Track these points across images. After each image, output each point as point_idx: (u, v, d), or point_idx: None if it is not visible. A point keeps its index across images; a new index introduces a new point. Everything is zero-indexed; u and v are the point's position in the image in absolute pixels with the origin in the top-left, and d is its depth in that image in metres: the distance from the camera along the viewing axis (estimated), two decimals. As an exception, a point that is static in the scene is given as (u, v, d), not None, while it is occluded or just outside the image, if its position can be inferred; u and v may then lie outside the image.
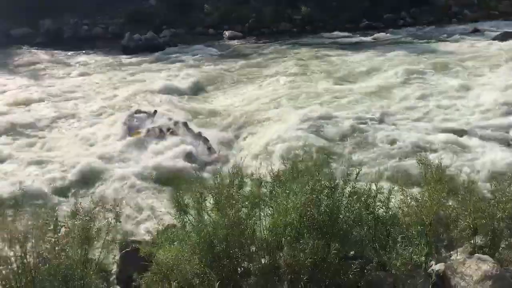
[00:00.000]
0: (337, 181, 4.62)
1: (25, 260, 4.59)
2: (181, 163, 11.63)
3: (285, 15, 35.61)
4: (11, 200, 5.08)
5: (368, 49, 26.38)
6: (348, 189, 4.64)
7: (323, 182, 4.56)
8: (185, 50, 28.82)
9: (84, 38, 33.03)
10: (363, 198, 4.68)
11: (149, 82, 20.35)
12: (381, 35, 31.37)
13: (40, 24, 34.40)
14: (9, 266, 4.63)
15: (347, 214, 4.58)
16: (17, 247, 4.58)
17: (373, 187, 4.70)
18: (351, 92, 17.78)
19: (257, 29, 34.65)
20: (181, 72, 22.58)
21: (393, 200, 4.83)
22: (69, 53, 28.48)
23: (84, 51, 28.73)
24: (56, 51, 29.05)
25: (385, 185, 4.81)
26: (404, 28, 34.39)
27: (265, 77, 21.09)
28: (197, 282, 4.29)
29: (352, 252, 4.69)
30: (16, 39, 32.64)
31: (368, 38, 30.73)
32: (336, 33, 32.41)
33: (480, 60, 21.57)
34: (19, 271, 4.62)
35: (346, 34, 32.11)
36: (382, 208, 4.73)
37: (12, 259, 4.60)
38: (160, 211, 8.98)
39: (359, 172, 4.89)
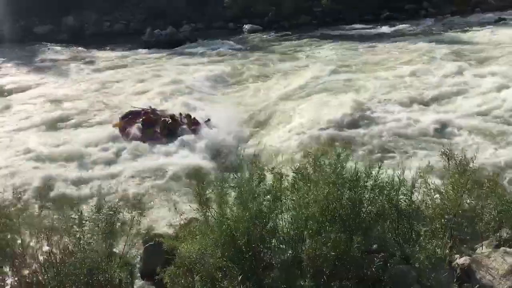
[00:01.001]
0: (359, 174, 4.57)
1: (51, 253, 4.69)
2: (200, 159, 11.70)
3: (305, 7, 35.34)
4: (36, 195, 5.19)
5: (391, 40, 26.02)
6: (370, 182, 4.59)
7: (345, 175, 4.52)
8: (205, 44, 28.91)
9: (105, 35, 33.43)
10: (385, 191, 4.62)
11: (169, 76, 20.46)
12: (403, 26, 30.91)
13: (62, 21, 34.93)
14: (37, 259, 4.74)
15: (370, 207, 4.53)
16: (44, 241, 4.69)
17: (396, 179, 4.64)
18: (376, 82, 17.56)
19: (276, 22, 34.49)
20: (200, 66, 22.67)
21: (416, 193, 4.77)
22: (91, 49, 28.86)
23: (105, 47, 29.07)
24: (78, 48, 29.50)
25: (408, 177, 4.73)
26: (426, 18, 33.78)
27: (285, 70, 20.99)
28: (220, 275, 4.31)
29: (375, 246, 4.64)
30: (40, 36, 33.27)
31: (390, 29, 30.31)
32: (356, 25, 32.05)
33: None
34: (46, 264, 4.72)
35: (367, 25, 31.74)
36: (405, 201, 4.66)
37: (39, 252, 4.70)
38: (182, 206, 9.08)
39: (380, 165, 4.84)
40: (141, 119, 14.01)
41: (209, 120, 14.34)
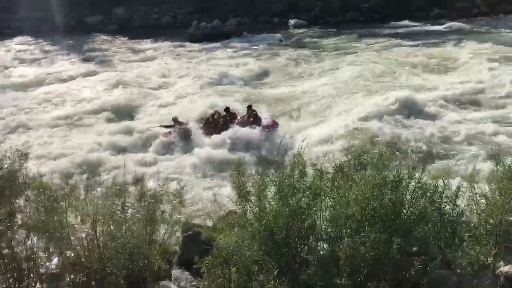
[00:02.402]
0: (402, 175, 4.48)
1: (95, 237, 4.85)
2: (241, 152, 11.77)
3: (352, 3, 34.83)
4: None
5: (442, 39, 25.28)
6: (413, 183, 4.49)
7: (387, 175, 4.44)
8: (250, 38, 29.01)
9: (153, 26, 34.11)
10: (428, 194, 4.51)
11: (212, 70, 20.64)
12: (454, 24, 29.97)
13: (113, 12, 35.89)
14: (81, 242, 4.91)
15: (411, 209, 4.44)
16: (88, 225, 4.85)
17: (440, 182, 4.52)
18: (425, 81, 17.12)
19: (323, 18, 34.18)
20: (244, 59, 22.78)
21: (461, 196, 4.63)
22: (139, 40, 29.53)
23: (153, 39, 29.65)
24: (126, 39, 30.24)
25: (454, 180, 4.60)
26: (479, 17, 32.59)
27: (330, 66, 20.79)
28: (256, 268, 4.34)
29: (415, 248, 4.55)
30: (91, 27, 34.36)
31: (440, 27, 29.45)
32: (405, 22, 31.30)
33: None
34: (90, 247, 4.89)
35: (416, 23, 30.97)
36: (449, 205, 4.54)
37: (84, 236, 4.87)
38: (222, 198, 9.18)
39: (424, 167, 4.72)
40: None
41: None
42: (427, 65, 19.99)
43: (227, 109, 14.18)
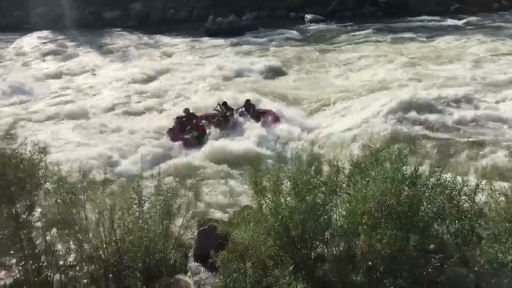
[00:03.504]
0: (419, 171, 4.43)
1: (112, 230, 4.90)
2: (258, 147, 11.77)
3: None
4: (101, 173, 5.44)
5: (460, 34, 24.90)
6: (432, 180, 4.44)
7: (405, 171, 4.40)
8: (266, 33, 28.91)
9: (170, 21, 34.18)
10: (447, 191, 4.46)
11: (227, 64, 20.61)
12: (474, 19, 29.44)
13: (130, 7, 36.08)
14: (98, 235, 4.96)
15: (429, 206, 4.39)
16: (106, 217, 4.90)
17: (459, 179, 4.46)
18: (444, 77, 16.88)
19: (339, 12, 33.87)
20: (260, 54, 22.73)
21: (479, 194, 4.56)
22: (156, 35, 29.62)
23: (169, 34, 29.73)
24: (143, 34, 30.37)
25: (472, 177, 4.53)
26: (500, 12, 31.97)
27: (346, 61, 20.64)
28: (271, 263, 4.34)
29: (432, 246, 4.51)
30: (109, 22, 34.60)
31: (459, 22, 28.99)
32: (423, 16, 30.86)
33: None
34: (107, 241, 4.94)
35: (434, 18, 30.49)
36: (467, 202, 4.48)
37: (101, 229, 4.92)
38: (237, 193, 9.22)
39: (442, 164, 4.66)
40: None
41: (241, 108, 14.02)
42: (445, 60, 19.71)
43: (224, 104, 14.07)
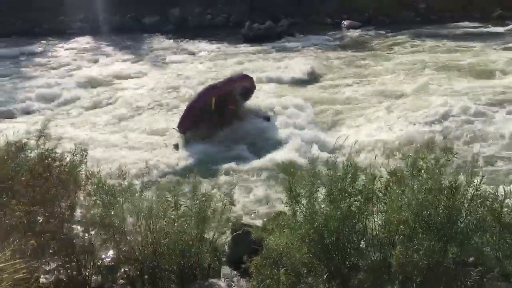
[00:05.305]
0: (459, 181, 4.32)
1: (148, 233, 4.99)
2: (293, 153, 11.76)
3: (408, 4, 33.89)
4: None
5: (502, 41, 24.17)
6: (471, 190, 4.32)
7: (443, 181, 4.30)
8: (302, 39, 28.85)
9: (207, 27, 34.62)
10: (488, 202, 4.33)
11: (261, 70, 20.67)
12: (518, 25, 28.55)
13: (169, 13, 36.79)
14: (135, 237, 5.07)
15: (469, 217, 4.28)
16: (143, 220, 5.00)
17: (501, 189, 4.33)
18: (486, 89, 16.40)
19: (377, 18, 33.45)
20: (296, 60, 22.69)
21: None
22: (192, 40, 30.08)
23: (206, 39, 30.10)
24: (181, 39, 30.90)
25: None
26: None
27: (383, 68, 20.38)
28: (305, 271, 4.32)
29: (471, 259, 4.38)
30: (148, 27, 35.37)
31: (501, 29, 28.14)
32: (464, 23, 30.11)
33: None
34: (143, 243, 5.04)
35: (476, 24, 29.70)
36: (510, 214, 4.34)
37: (138, 231, 5.03)
38: (272, 198, 9.22)
39: (483, 176, 4.52)
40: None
41: (268, 118, 14.13)
42: (485, 68, 19.16)
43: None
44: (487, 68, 19.09)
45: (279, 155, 11.64)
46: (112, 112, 16.49)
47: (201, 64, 23.69)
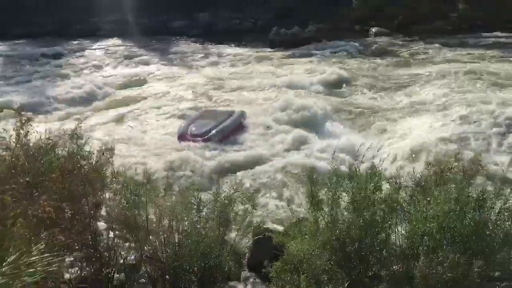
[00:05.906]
0: (486, 194, 4.24)
1: (171, 233, 5.04)
2: (317, 160, 11.69)
3: (439, 12, 33.36)
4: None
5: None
6: (499, 203, 4.24)
7: (470, 193, 4.23)
8: (329, 45, 28.70)
9: (234, 32, 34.80)
10: (515, 216, 4.24)
11: (291, 75, 20.65)
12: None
13: (197, 17, 37.18)
14: (158, 237, 5.13)
15: (495, 230, 4.19)
16: (165, 221, 5.05)
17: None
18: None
19: (406, 26, 32.99)
20: (323, 67, 22.59)
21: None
22: (219, 45, 30.29)
23: (233, 44, 30.29)
24: (208, 43, 31.17)
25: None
26: None
27: (412, 78, 20.09)
28: (326, 278, 4.29)
29: (497, 273, 4.29)
30: (176, 31, 35.84)
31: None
32: (496, 33, 29.49)
33: None
34: (165, 243, 5.09)
35: (508, 34, 29.06)
36: (538, 230, 4.23)
37: (161, 232, 5.08)
38: (294, 204, 9.17)
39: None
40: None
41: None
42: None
43: None
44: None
45: (304, 160, 11.61)
46: (141, 114, 16.72)
47: (228, 67, 23.86)
